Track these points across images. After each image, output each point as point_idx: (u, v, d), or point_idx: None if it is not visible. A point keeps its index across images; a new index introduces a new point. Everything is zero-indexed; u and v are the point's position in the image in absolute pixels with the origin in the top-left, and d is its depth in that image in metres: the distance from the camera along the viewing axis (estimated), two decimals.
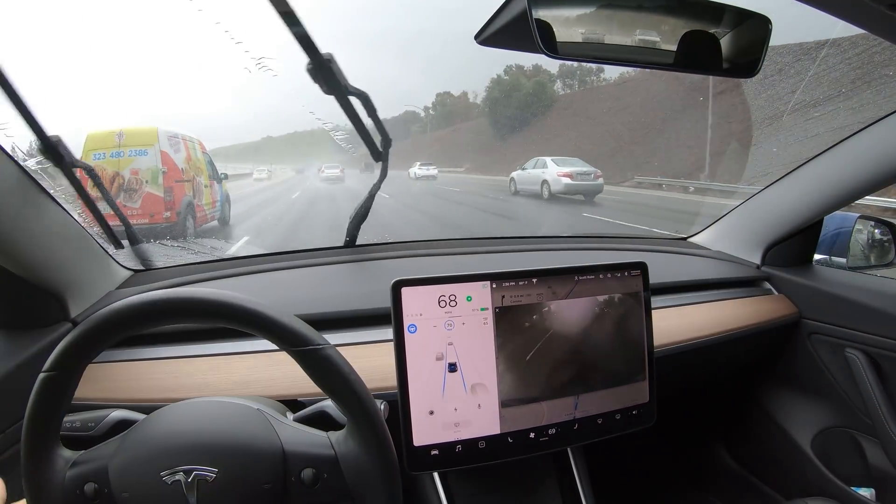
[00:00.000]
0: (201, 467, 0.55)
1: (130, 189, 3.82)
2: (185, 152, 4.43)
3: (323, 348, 0.56)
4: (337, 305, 0.94)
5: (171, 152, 4.16)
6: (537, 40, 0.55)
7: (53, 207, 0.78)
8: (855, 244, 1.24)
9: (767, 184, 1.22)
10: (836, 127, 7.28)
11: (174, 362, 0.83)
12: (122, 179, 3.86)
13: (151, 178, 3.89)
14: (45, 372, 0.54)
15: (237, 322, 0.56)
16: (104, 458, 0.57)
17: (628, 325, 0.85)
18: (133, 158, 3.90)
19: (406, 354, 0.74)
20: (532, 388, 0.79)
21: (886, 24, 0.55)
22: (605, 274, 0.84)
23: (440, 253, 1.21)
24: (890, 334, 1.04)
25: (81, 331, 0.54)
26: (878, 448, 1.10)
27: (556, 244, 1.34)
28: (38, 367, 0.54)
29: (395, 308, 0.74)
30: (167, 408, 0.61)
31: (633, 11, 0.64)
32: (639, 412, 0.87)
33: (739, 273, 1.27)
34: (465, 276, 0.77)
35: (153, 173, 3.91)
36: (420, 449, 0.75)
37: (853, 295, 1.10)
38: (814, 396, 1.22)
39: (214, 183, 5.03)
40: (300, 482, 0.57)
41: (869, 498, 1.11)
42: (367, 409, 0.57)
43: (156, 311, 0.55)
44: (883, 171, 0.97)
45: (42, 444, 0.56)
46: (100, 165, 3.77)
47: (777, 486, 1.30)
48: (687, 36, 0.64)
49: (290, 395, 0.76)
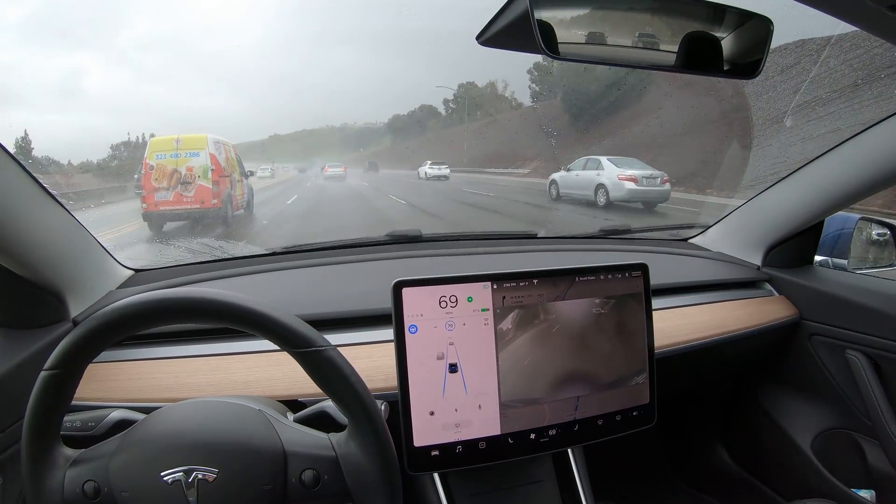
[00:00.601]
0: (202, 467, 0.55)
1: (186, 182, 4.99)
2: (224, 154, 5.53)
3: (325, 350, 0.56)
4: (337, 305, 0.94)
5: (216, 154, 5.26)
6: (539, 41, 0.55)
7: (54, 207, 0.78)
8: (856, 245, 1.24)
9: (768, 185, 1.22)
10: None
11: (175, 362, 0.83)
12: (179, 174, 4.99)
13: (202, 174, 5.06)
14: (47, 370, 0.54)
15: (239, 323, 0.56)
16: (104, 456, 0.57)
17: (629, 325, 0.85)
18: (188, 159, 5.07)
19: (407, 355, 0.74)
20: (533, 389, 0.79)
21: (887, 25, 0.55)
22: (606, 275, 0.84)
23: (441, 253, 1.21)
24: (891, 336, 1.04)
25: (84, 329, 0.54)
26: (878, 450, 1.10)
27: (557, 244, 1.34)
28: (38, 367, 0.55)
29: (395, 308, 0.74)
30: (168, 407, 0.61)
31: (634, 12, 0.65)
32: (639, 413, 0.87)
33: (740, 274, 1.27)
34: (465, 277, 0.77)
35: (203, 170, 5.08)
36: (420, 449, 0.75)
37: (854, 296, 1.10)
38: (814, 398, 1.22)
39: (243, 178, 6.24)
40: (301, 483, 0.57)
41: (869, 500, 1.11)
42: (369, 411, 0.57)
43: (158, 310, 0.55)
44: (884, 172, 0.97)
45: (43, 442, 0.56)
46: (161, 164, 4.97)
47: (777, 487, 1.30)
48: (688, 37, 0.64)
49: (291, 396, 0.76)
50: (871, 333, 1.07)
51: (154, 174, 4.96)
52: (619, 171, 8.19)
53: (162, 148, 5.12)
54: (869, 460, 1.12)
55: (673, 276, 1.19)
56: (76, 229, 0.85)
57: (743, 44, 0.65)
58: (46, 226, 0.76)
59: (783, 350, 1.23)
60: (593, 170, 8.59)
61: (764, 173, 4.66)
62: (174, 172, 5.00)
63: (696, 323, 1.09)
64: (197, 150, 5.14)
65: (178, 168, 5.01)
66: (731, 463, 1.42)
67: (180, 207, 4.94)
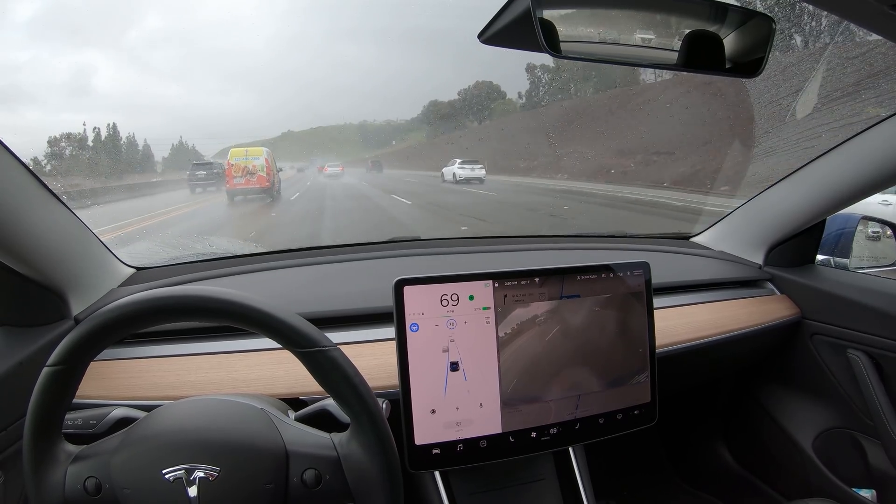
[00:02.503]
0: (203, 465, 0.55)
1: (251, 174, 8.70)
2: (270, 158, 9.22)
3: (328, 350, 0.56)
4: (339, 304, 0.94)
5: (268, 158, 8.99)
6: (541, 40, 0.55)
7: (56, 206, 0.78)
8: (858, 245, 1.24)
9: (770, 184, 1.22)
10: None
11: (176, 360, 0.83)
12: (247, 169, 8.71)
13: (261, 169, 8.78)
14: (50, 366, 0.54)
15: (241, 321, 0.56)
16: (106, 453, 0.57)
17: (630, 324, 0.85)
18: (252, 161, 8.79)
19: (408, 353, 0.74)
20: (534, 388, 0.79)
21: (889, 24, 0.55)
22: (608, 273, 0.84)
23: (442, 252, 1.21)
24: (892, 335, 1.04)
25: (86, 327, 0.54)
26: (879, 449, 1.09)
27: (558, 243, 1.34)
28: (40, 364, 0.55)
29: (397, 307, 0.74)
30: (169, 405, 0.61)
31: (636, 11, 0.64)
32: (640, 412, 0.87)
33: (742, 273, 1.26)
34: (467, 276, 0.77)
35: (261, 167, 8.80)
36: (421, 448, 0.75)
37: (856, 296, 1.10)
38: (815, 397, 1.22)
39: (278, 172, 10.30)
40: (302, 483, 0.57)
41: (870, 499, 1.11)
42: (371, 412, 0.57)
43: (160, 309, 0.55)
44: (886, 171, 0.96)
45: (44, 438, 0.56)
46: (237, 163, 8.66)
47: (778, 486, 1.30)
48: (690, 36, 0.64)
49: (292, 394, 0.76)
50: (872, 333, 1.07)
51: (233, 169, 8.66)
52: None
53: (237, 154, 8.86)
54: (870, 460, 1.12)
55: (674, 275, 1.19)
56: (78, 227, 0.85)
57: (744, 42, 0.65)
58: (48, 224, 0.76)
59: (785, 349, 1.23)
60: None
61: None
62: (244, 168, 8.74)
63: (698, 322, 1.09)
64: (257, 156, 8.83)
65: (247, 166, 8.75)
66: (732, 462, 1.42)
67: (248, 187, 8.64)
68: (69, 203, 0.81)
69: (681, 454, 1.55)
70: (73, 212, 0.83)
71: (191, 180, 10.01)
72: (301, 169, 18.35)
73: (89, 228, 0.88)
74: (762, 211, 1.25)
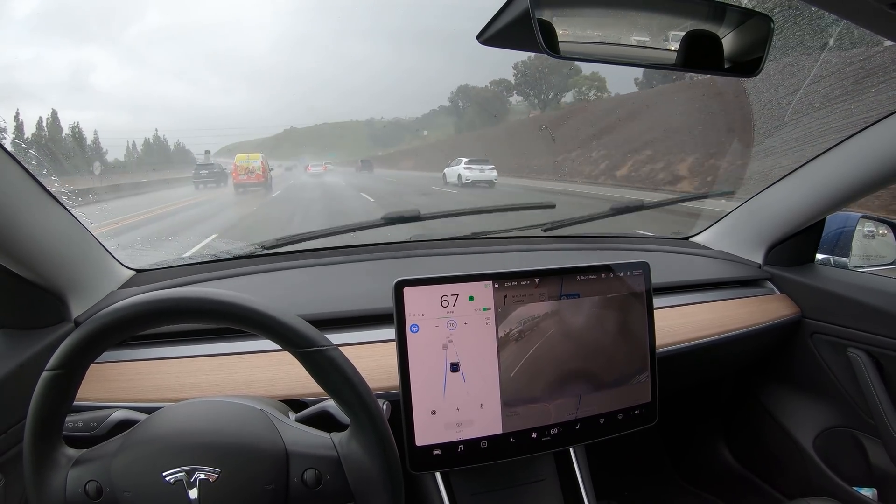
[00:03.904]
0: (204, 467, 0.55)
1: (251, 171, 10.60)
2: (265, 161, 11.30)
3: (327, 350, 0.56)
4: (339, 305, 0.94)
5: (263, 161, 11.03)
6: (539, 40, 0.55)
7: (55, 208, 0.78)
8: (857, 244, 1.24)
9: (769, 183, 1.22)
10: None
11: (176, 362, 0.83)
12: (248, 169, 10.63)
13: (258, 169, 10.68)
14: (49, 370, 0.54)
15: (241, 322, 0.56)
16: (106, 456, 0.57)
17: (630, 324, 0.85)
18: (252, 163, 10.80)
19: (408, 354, 0.74)
20: (534, 388, 0.79)
21: (889, 24, 0.55)
22: (608, 274, 0.84)
23: (442, 252, 1.21)
24: (892, 334, 1.04)
25: (86, 330, 0.54)
26: (880, 448, 1.10)
27: (558, 244, 1.34)
28: (40, 367, 0.55)
29: (397, 308, 0.74)
30: (169, 407, 0.61)
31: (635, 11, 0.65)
32: (641, 412, 0.87)
33: (741, 273, 1.26)
34: (467, 276, 0.77)
35: (258, 167, 10.70)
36: (422, 449, 0.75)
37: (855, 294, 1.10)
38: (816, 396, 1.22)
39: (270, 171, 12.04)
40: (302, 483, 0.57)
41: (871, 498, 1.11)
42: (371, 411, 0.57)
43: (160, 311, 0.55)
44: (885, 170, 0.96)
45: (44, 442, 0.56)
46: (241, 165, 10.68)
47: (779, 485, 1.30)
48: (689, 36, 0.64)
49: (293, 395, 0.76)
50: (872, 332, 1.07)
51: (238, 169, 10.57)
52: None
53: (240, 158, 11.07)
54: (871, 459, 1.12)
55: (674, 275, 1.19)
56: (77, 230, 0.85)
57: (743, 42, 0.65)
58: (47, 226, 0.76)
59: (785, 348, 1.23)
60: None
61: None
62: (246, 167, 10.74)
63: (698, 321, 1.09)
64: (256, 159, 11.02)
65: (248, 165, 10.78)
66: (732, 461, 1.42)
67: (248, 181, 10.48)
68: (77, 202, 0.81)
69: (681, 454, 1.55)
70: (73, 213, 0.83)
71: (195, 178, 11.99)
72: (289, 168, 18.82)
73: (89, 230, 0.88)
74: (761, 210, 1.25)
